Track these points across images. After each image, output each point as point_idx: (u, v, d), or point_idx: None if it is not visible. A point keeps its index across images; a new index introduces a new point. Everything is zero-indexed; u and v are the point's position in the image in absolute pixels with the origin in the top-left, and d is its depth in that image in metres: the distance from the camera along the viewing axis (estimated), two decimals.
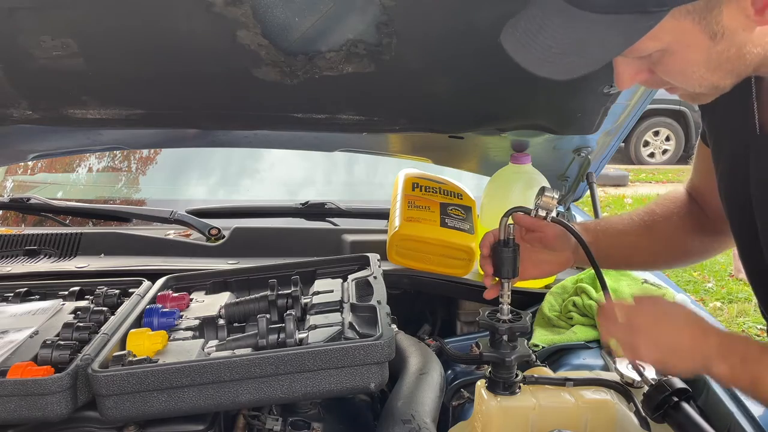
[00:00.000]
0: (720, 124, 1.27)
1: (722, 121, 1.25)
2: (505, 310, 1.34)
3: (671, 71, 1.02)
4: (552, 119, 1.85)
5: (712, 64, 0.99)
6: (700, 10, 0.93)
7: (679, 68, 1.01)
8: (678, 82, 1.04)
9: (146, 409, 1.16)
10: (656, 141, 11.32)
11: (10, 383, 1.14)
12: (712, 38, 0.95)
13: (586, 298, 1.79)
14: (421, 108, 1.79)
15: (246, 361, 1.18)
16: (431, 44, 1.49)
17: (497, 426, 1.30)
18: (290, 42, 1.43)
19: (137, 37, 1.45)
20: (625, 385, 1.38)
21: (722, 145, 1.27)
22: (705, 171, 1.40)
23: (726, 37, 0.95)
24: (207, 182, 2.91)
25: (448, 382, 1.66)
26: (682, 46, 0.97)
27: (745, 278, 4.73)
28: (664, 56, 0.99)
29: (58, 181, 3.00)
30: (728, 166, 1.25)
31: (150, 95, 1.70)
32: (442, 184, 2.14)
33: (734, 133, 1.21)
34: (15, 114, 1.71)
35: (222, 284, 1.69)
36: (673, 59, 0.99)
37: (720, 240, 1.47)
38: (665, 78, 1.04)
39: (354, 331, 1.32)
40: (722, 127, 1.26)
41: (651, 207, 1.51)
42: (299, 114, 1.77)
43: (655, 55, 1.00)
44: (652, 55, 1.00)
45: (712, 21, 0.94)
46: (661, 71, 1.03)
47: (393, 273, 1.93)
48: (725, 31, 0.95)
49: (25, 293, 1.61)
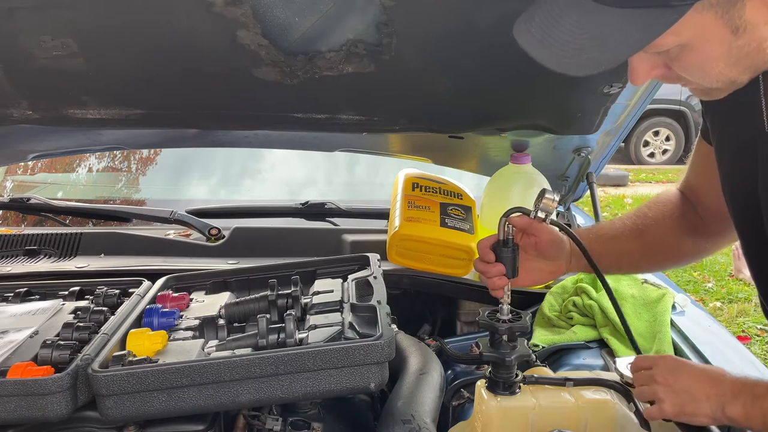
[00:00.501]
0: (725, 120, 1.25)
1: (728, 117, 1.23)
2: (505, 310, 1.34)
3: (689, 66, 1.00)
4: (552, 119, 1.85)
5: (732, 59, 0.97)
6: (724, 4, 0.91)
7: (698, 63, 0.99)
8: (695, 78, 1.02)
9: (146, 409, 1.16)
10: (656, 141, 11.32)
11: (10, 383, 1.14)
12: (734, 33, 0.94)
13: (586, 298, 1.79)
14: (421, 108, 1.79)
15: (246, 361, 1.18)
16: (431, 44, 1.49)
17: (497, 426, 1.30)
18: (290, 42, 1.43)
19: (137, 37, 1.45)
20: (625, 385, 1.38)
21: (727, 141, 1.26)
22: (703, 168, 1.40)
23: (748, 31, 0.93)
24: (207, 182, 2.91)
25: (448, 382, 1.66)
26: (703, 41, 0.95)
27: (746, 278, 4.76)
28: (683, 51, 0.97)
29: (58, 181, 3.00)
30: (733, 163, 1.24)
31: (150, 95, 1.70)
32: (442, 184, 2.14)
33: (740, 129, 1.20)
34: (15, 114, 1.71)
35: (222, 284, 1.69)
36: (692, 54, 0.97)
37: (713, 240, 1.47)
38: (682, 74, 1.02)
39: (354, 331, 1.32)
40: (727, 124, 1.25)
41: (643, 210, 1.50)
42: (299, 114, 1.77)
43: (673, 50, 0.98)
44: (671, 50, 0.98)
45: (735, 15, 0.92)
46: (679, 66, 1.00)
47: (393, 273, 1.93)
48: (747, 26, 0.93)
49: (25, 293, 1.61)
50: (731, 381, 1.17)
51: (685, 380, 1.19)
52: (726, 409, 1.14)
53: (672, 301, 1.80)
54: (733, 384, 1.16)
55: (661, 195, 1.53)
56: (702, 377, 1.20)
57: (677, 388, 1.19)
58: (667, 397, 1.20)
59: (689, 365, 1.25)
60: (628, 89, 1.67)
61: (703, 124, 1.36)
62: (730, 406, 1.14)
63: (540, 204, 1.32)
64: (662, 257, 1.52)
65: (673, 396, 1.19)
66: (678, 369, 1.22)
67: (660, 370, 1.23)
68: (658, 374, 1.22)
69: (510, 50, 1.45)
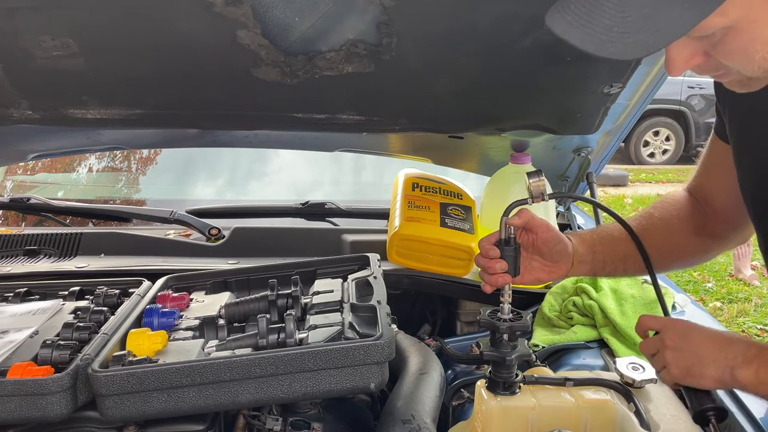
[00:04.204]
0: (747, 118, 1.22)
1: (750, 114, 1.21)
2: (505, 309, 1.34)
3: (733, 51, 0.95)
4: (552, 119, 1.85)
5: None
6: None
7: (743, 47, 0.94)
8: (737, 64, 0.97)
9: (146, 409, 1.16)
10: (656, 141, 11.33)
11: (10, 383, 1.14)
12: None
13: (586, 298, 1.79)
14: (421, 108, 1.79)
15: (246, 361, 1.18)
16: (431, 44, 1.48)
17: (497, 426, 1.30)
18: (290, 42, 1.43)
19: (137, 37, 1.45)
20: (625, 385, 1.37)
21: (749, 138, 1.23)
22: (715, 167, 1.39)
23: None
24: (207, 183, 2.91)
25: (448, 382, 1.66)
26: (749, 22, 0.91)
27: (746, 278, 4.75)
28: (728, 34, 0.93)
29: (58, 181, 3.00)
30: (757, 159, 1.22)
31: (150, 95, 1.70)
32: (442, 184, 2.14)
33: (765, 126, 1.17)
34: (15, 114, 1.71)
35: (222, 284, 1.69)
36: (738, 37, 0.93)
37: (720, 241, 1.47)
38: (723, 60, 0.97)
39: (354, 331, 1.32)
40: (750, 120, 1.22)
41: (649, 211, 1.49)
42: (299, 114, 1.78)
43: (717, 34, 0.94)
44: (714, 35, 0.94)
45: None
46: (721, 52, 0.96)
47: (393, 273, 1.93)
48: None
49: (25, 293, 1.61)
50: (744, 345, 1.14)
51: (695, 343, 1.17)
52: (735, 373, 1.11)
53: (672, 301, 1.80)
54: (746, 348, 1.13)
55: (668, 196, 1.52)
56: (711, 339, 1.17)
57: (686, 351, 1.17)
58: (674, 361, 1.18)
59: (700, 328, 1.22)
60: (628, 89, 1.67)
61: (718, 122, 1.33)
62: (740, 369, 1.11)
63: (531, 189, 1.32)
64: (669, 258, 1.50)
65: (680, 359, 1.17)
66: (689, 332, 1.20)
67: (670, 333, 1.20)
68: (668, 338, 1.20)
69: (510, 50, 1.46)
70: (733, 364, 1.12)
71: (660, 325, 1.25)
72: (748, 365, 1.11)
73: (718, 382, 1.16)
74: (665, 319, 1.28)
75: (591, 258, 1.41)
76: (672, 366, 1.18)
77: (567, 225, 2.25)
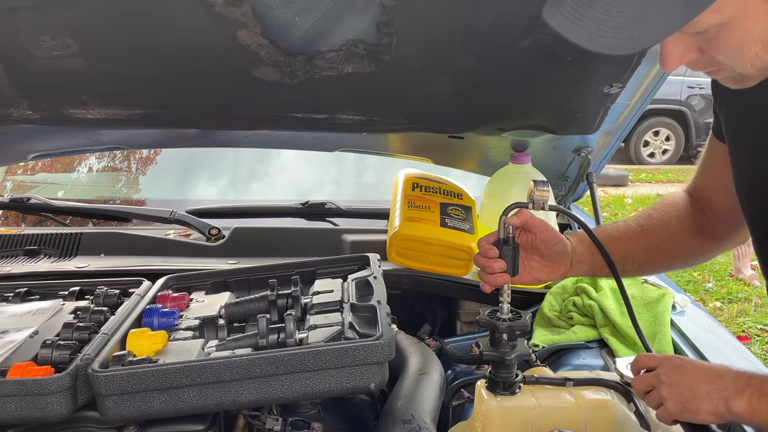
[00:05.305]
0: (742, 117, 1.23)
1: (745, 114, 1.21)
2: (505, 309, 1.34)
3: (727, 47, 0.96)
4: (552, 119, 1.85)
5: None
6: None
7: (737, 44, 0.95)
8: (731, 61, 0.98)
9: (146, 409, 1.16)
10: (656, 141, 11.33)
11: (10, 383, 1.14)
12: None
13: (587, 298, 1.79)
14: (421, 108, 1.79)
15: (246, 361, 1.18)
16: (431, 44, 1.49)
17: (497, 426, 1.30)
18: (290, 42, 1.43)
19: (137, 37, 1.46)
20: (625, 385, 1.38)
21: (744, 137, 1.23)
22: (713, 167, 1.39)
23: None
24: (207, 183, 2.91)
25: (448, 382, 1.66)
26: (744, 18, 0.91)
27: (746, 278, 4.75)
28: (721, 31, 0.93)
29: (58, 181, 3.00)
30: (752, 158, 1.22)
31: (150, 95, 1.70)
32: (442, 184, 2.14)
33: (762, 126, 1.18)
34: (15, 114, 1.71)
35: (222, 284, 1.69)
36: (731, 34, 0.93)
37: (719, 241, 1.47)
38: (717, 56, 0.98)
39: (354, 331, 1.32)
40: (745, 119, 1.22)
41: (648, 212, 1.49)
42: (299, 114, 1.78)
43: (711, 30, 0.94)
44: (708, 31, 0.94)
45: None
46: (715, 48, 0.96)
47: (393, 273, 1.93)
48: None
49: (25, 293, 1.61)
50: (734, 376, 1.15)
51: (688, 378, 1.18)
52: (730, 404, 1.12)
53: (672, 301, 1.80)
54: (736, 379, 1.14)
55: (668, 197, 1.52)
56: (704, 374, 1.18)
57: (681, 386, 1.18)
58: (670, 396, 1.18)
59: (693, 363, 1.24)
60: (628, 89, 1.67)
61: (715, 122, 1.33)
62: (734, 400, 1.12)
63: (534, 196, 1.32)
64: (668, 258, 1.50)
65: (676, 395, 1.18)
66: (682, 367, 1.21)
67: (665, 369, 1.21)
68: (664, 374, 1.21)
69: (510, 50, 1.46)
70: (727, 395, 1.13)
71: (656, 362, 1.25)
72: (741, 395, 1.11)
73: (715, 416, 1.15)
74: (661, 356, 1.29)
75: (590, 258, 1.41)
76: (669, 402, 1.19)
77: (567, 225, 2.25)
